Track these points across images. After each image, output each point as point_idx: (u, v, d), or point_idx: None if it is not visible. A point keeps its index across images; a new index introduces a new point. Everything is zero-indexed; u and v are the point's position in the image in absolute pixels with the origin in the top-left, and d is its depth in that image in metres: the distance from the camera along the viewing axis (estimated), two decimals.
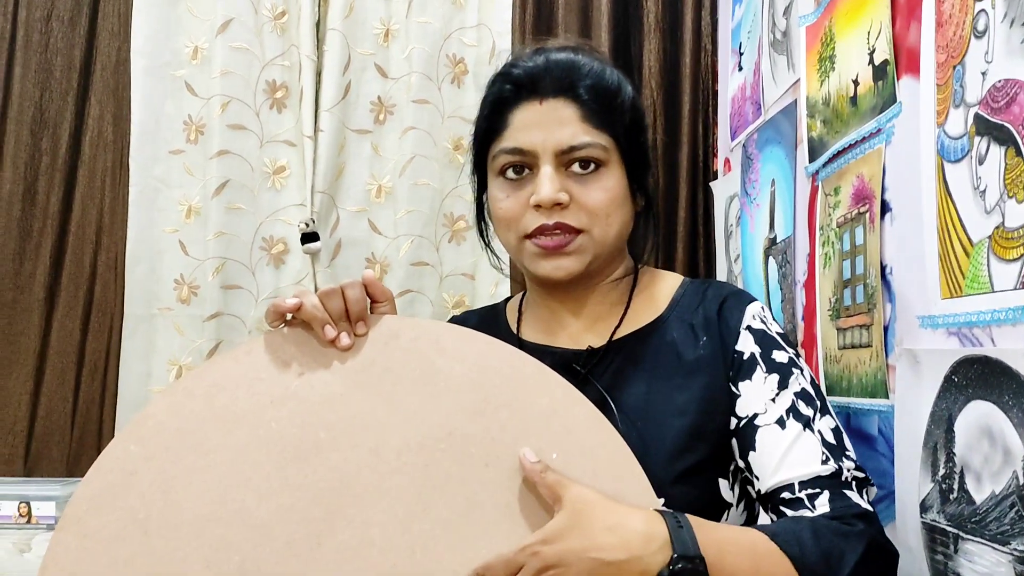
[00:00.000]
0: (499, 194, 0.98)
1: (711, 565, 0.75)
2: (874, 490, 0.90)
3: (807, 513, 0.84)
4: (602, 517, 0.76)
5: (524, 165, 0.96)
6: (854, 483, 0.86)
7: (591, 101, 0.95)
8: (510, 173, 0.97)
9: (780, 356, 0.93)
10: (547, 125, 0.94)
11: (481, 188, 1.04)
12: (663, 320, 0.98)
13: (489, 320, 1.08)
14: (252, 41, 1.90)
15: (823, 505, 0.84)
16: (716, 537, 0.77)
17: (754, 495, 0.91)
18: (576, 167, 0.95)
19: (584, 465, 0.81)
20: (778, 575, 0.78)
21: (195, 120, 1.91)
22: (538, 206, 0.93)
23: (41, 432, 1.84)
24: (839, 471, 0.86)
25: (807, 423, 0.89)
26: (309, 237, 1.86)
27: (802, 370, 0.93)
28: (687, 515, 0.78)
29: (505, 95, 0.98)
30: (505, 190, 0.97)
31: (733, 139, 1.72)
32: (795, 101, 1.35)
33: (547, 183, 0.93)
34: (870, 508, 0.85)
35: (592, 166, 0.95)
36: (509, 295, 1.21)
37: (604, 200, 0.95)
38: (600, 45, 1.85)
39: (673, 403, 0.92)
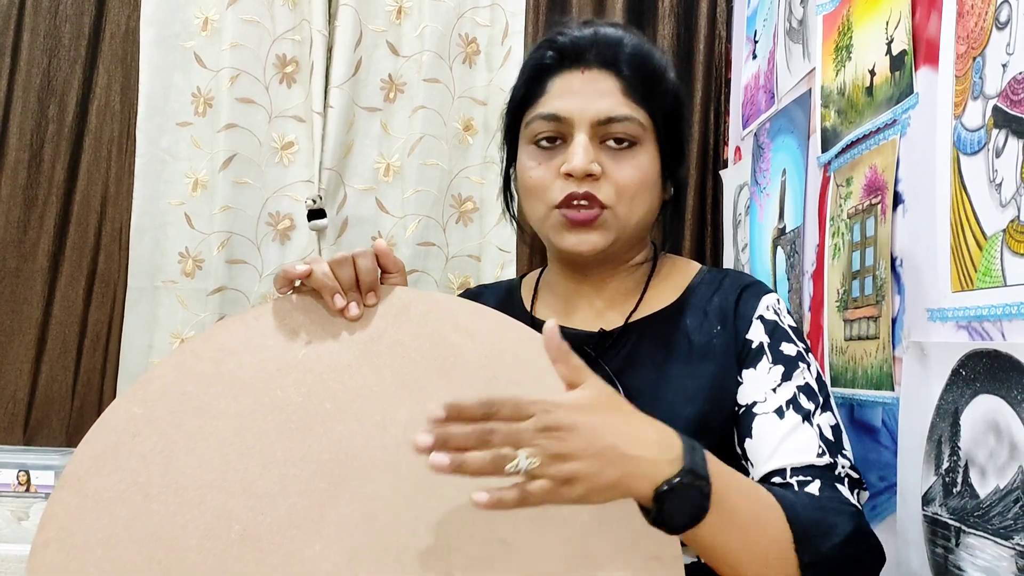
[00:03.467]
0: (530, 162, 0.96)
1: (715, 493, 0.71)
2: (865, 494, 0.89)
3: None
4: (625, 410, 0.72)
5: (558, 134, 0.94)
6: (846, 480, 0.86)
7: (633, 76, 0.94)
8: (543, 142, 0.95)
9: (789, 349, 0.93)
10: (586, 94, 0.93)
11: (510, 159, 1.03)
12: (678, 306, 0.98)
13: (503, 297, 1.07)
14: (263, 14, 1.89)
15: (812, 492, 0.84)
16: (725, 471, 0.75)
17: None
18: (611, 142, 0.93)
19: None
20: (772, 524, 0.77)
21: (203, 92, 1.90)
22: (569, 175, 0.92)
23: (41, 401, 1.84)
24: (833, 465, 0.86)
25: (807, 416, 0.88)
26: (316, 214, 1.85)
27: (809, 365, 0.92)
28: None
29: (547, 61, 0.96)
30: (536, 158, 0.95)
31: (745, 127, 1.71)
32: (809, 90, 1.34)
33: (580, 152, 0.91)
34: (859, 506, 0.85)
35: (627, 143, 0.93)
36: (517, 275, 1.20)
37: (635, 178, 0.93)
38: None
39: (683, 390, 0.91)
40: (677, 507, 0.70)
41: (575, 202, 0.92)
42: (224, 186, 1.85)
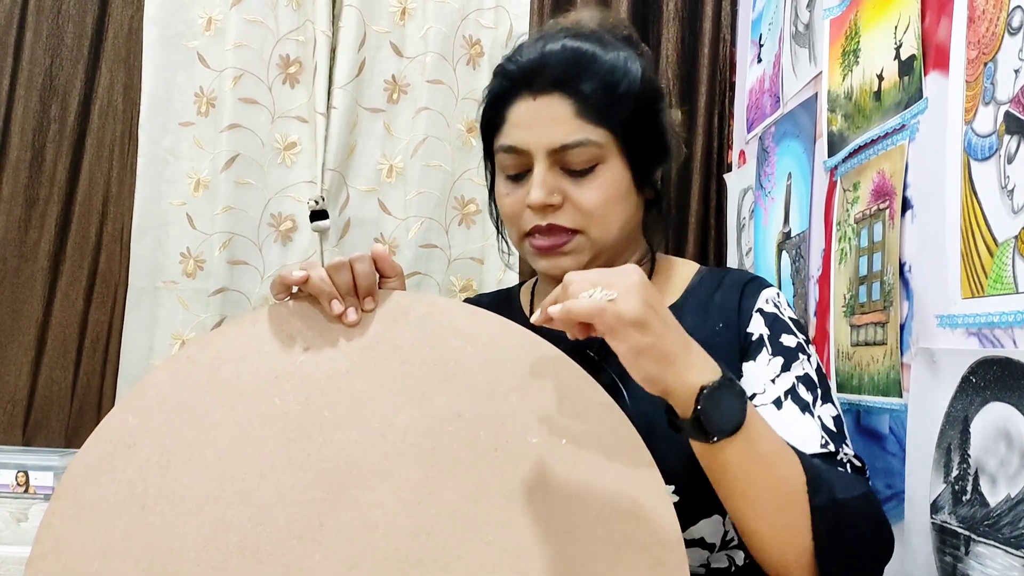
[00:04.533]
0: (502, 189, 0.98)
1: (748, 416, 0.75)
2: (868, 482, 0.88)
3: None
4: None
5: (522, 166, 0.95)
6: (849, 466, 0.85)
7: (588, 93, 0.91)
8: (510, 171, 0.96)
9: (788, 340, 0.92)
10: (540, 122, 0.92)
11: (494, 174, 1.03)
12: (678, 307, 0.97)
13: (503, 303, 1.07)
14: (267, 14, 1.88)
15: None
16: (750, 404, 0.77)
17: None
18: (571, 166, 0.93)
19: (594, 451, 0.79)
20: (790, 463, 0.78)
21: (206, 92, 1.89)
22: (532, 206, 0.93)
23: (41, 402, 1.83)
24: (836, 453, 0.85)
25: (806, 407, 0.88)
26: (318, 215, 1.84)
27: (809, 356, 0.92)
28: None
29: (502, 90, 0.96)
30: (507, 187, 0.97)
31: (749, 131, 1.70)
32: (815, 95, 1.33)
33: (537, 187, 0.92)
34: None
35: (587, 167, 0.93)
36: (519, 280, 1.20)
37: (599, 200, 0.93)
38: None
39: None
40: (720, 409, 0.73)
41: (541, 233, 0.94)
42: (226, 186, 1.84)
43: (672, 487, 0.82)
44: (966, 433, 0.85)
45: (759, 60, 1.67)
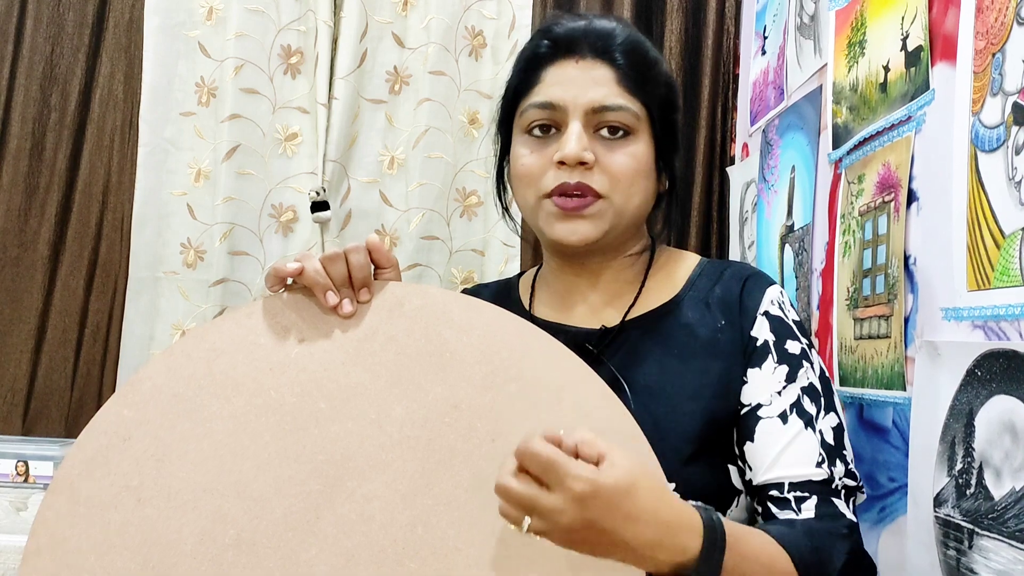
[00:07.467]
0: (523, 150, 0.96)
1: (730, 552, 0.72)
2: (863, 496, 0.90)
3: (791, 515, 0.85)
4: (642, 499, 0.69)
5: (552, 124, 0.94)
6: (843, 491, 0.87)
7: (628, 67, 0.93)
8: (536, 131, 0.95)
9: (793, 347, 0.92)
10: (581, 83, 0.93)
11: (504, 150, 1.02)
12: (679, 300, 0.96)
13: (502, 295, 1.06)
14: (268, 4, 1.87)
15: (809, 510, 0.85)
16: (739, 533, 0.76)
17: (742, 483, 0.91)
18: (605, 131, 0.93)
19: None
20: (782, 570, 0.78)
21: (207, 82, 1.88)
22: (562, 163, 0.91)
23: (41, 391, 1.83)
24: (830, 478, 0.86)
25: (809, 421, 0.88)
26: (319, 206, 1.83)
27: (812, 363, 0.92)
28: (725, 530, 0.73)
29: (542, 51, 0.96)
30: (529, 146, 0.95)
31: (753, 124, 1.69)
32: (820, 87, 1.32)
33: (574, 139, 0.91)
34: (854, 519, 0.86)
35: (621, 132, 0.93)
36: (520, 271, 1.19)
37: (630, 167, 0.92)
38: None
39: (688, 385, 0.90)
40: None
41: (567, 193, 0.92)
42: (227, 177, 1.84)
43: (673, 484, 0.82)
44: (970, 426, 0.85)
45: (763, 52, 1.66)
